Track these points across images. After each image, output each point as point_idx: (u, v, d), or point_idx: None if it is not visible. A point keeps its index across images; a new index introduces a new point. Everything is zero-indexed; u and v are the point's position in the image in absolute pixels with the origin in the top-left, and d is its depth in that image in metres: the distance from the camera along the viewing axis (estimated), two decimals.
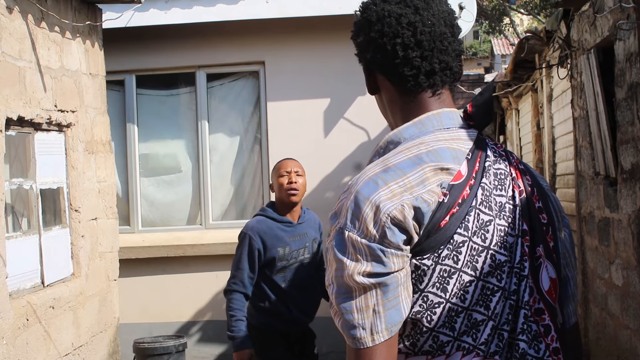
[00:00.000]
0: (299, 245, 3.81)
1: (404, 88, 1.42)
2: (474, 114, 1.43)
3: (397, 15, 1.39)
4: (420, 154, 1.32)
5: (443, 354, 1.30)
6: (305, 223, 3.87)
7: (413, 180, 1.29)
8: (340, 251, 1.28)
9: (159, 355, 5.42)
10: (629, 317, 4.53)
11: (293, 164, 3.85)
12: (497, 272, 1.31)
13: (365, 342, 1.26)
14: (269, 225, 3.75)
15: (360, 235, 1.26)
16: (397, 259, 1.26)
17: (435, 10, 1.40)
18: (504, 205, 1.35)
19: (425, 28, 1.38)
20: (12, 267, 4.11)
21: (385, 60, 1.41)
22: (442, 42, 1.39)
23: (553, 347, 1.34)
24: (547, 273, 1.36)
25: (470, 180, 1.33)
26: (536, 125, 8.28)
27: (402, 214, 1.26)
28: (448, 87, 1.44)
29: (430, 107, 1.42)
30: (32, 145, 4.56)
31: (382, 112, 1.52)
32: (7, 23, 4.14)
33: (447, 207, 1.29)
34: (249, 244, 3.70)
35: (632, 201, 4.31)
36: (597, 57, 4.99)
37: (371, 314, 1.26)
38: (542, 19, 18.33)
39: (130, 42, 6.51)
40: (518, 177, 1.40)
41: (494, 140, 1.48)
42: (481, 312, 1.30)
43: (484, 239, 1.31)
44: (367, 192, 1.28)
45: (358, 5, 1.50)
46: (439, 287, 1.29)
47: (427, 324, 1.29)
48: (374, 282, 1.25)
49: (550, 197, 1.45)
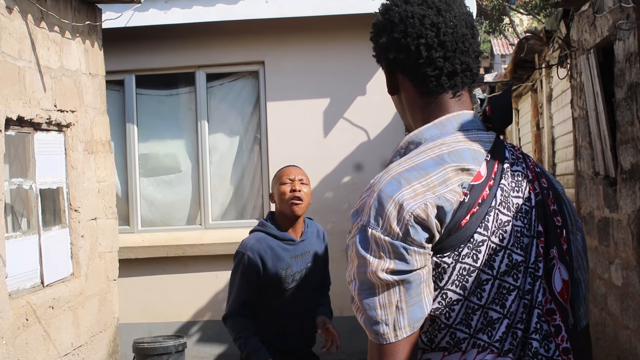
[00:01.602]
0: (300, 266, 3.35)
1: (426, 89, 1.44)
2: (492, 116, 1.45)
3: (420, 16, 1.41)
4: (443, 154, 1.35)
5: (459, 351, 1.33)
6: (307, 240, 3.40)
7: (435, 179, 1.31)
8: (364, 248, 1.30)
9: (159, 355, 5.42)
10: (629, 317, 4.53)
11: (297, 171, 3.37)
12: (513, 271, 1.34)
13: (388, 338, 1.28)
14: (270, 244, 3.28)
15: (384, 233, 1.29)
16: (419, 256, 1.28)
17: (456, 11, 1.43)
18: (521, 206, 1.38)
19: (448, 29, 1.41)
20: (12, 267, 4.11)
21: (409, 61, 1.43)
22: (463, 43, 1.42)
23: (563, 347, 1.36)
24: (560, 274, 1.38)
25: (490, 181, 1.36)
26: (536, 125, 8.29)
27: (425, 213, 1.28)
28: (467, 88, 1.47)
29: (451, 109, 1.44)
30: (31, 145, 4.56)
31: (400, 112, 1.55)
32: (6, 23, 4.14)
33: (467, 206, 1.32)
34: (247, 265, 3.25)
35: (631, 201, 4.31)
36: (597, 57, 4.99)
37: (394, 310, 1.28)
38: (541, 19, 18.33)
39: (129, 42, 6.51)
40: (534, 179, 1.43)
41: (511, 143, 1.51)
42: (497, 311, 1.33)
43: (501, 239, 1.34)
44: (390, 191, 1.31)
45: (378, 7, 1.52)
46: (458, 284, 1.31)
47: (445, 320, 1.32)
48: (397, 279, 1.28)
49: (565, 200, 1.48)
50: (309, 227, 3.45)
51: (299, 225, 3.38)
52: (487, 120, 1.46)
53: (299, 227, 3.38)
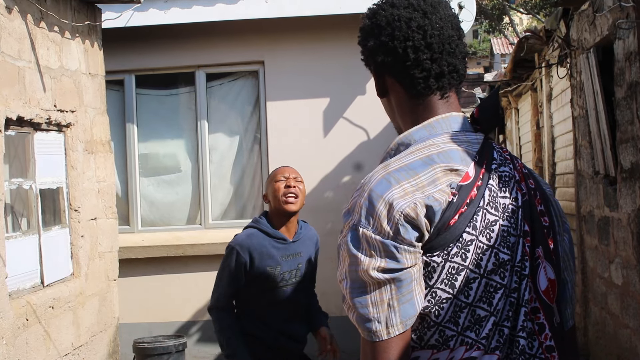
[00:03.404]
0: (291, 266, 3.34)
1: (414, 91, 1.46)
2: (480, 118, 1.47)
3: (406, 19, 1.43)
4: (432, 155, 1.37)
5: (448, 348, 1.35)
6: (300, 241, 3.39)
7: (424, 179, 1.34)
8: (355, 247, 1.32)
9: (159, 355, 5.42)
10: (629, 316, 4.53)
11: (291, 170, 3.40)
12: (500, 270, 1.36)
13: (380, 335, 1.30)
14: (260, 241, 3.29)
15: (374, 232, 1.31)
16: (409, 255, 1.30)
17: (442, 14, 1.45)
18: (508, 206, 1.40)
19: (435, 31, 1.43)
20: (12, 267, 4.11)
21: (397, 63, 1.45)
22: (450, 44, 1.44)
23: (546, 345, 1.38)
24: (546, 274, 1.41)
25: (478, 181, 1.38)
26: (536, 124, 8.28)
27: (414, 212, 1.31)
28: (454, 89, 1.49)
29: (439, 110, 1.46)
30: (31, 145, 4.56)
31: (389, 115, 1.57)
32: (6, 23, 4.14)
33: (456, 206, 1.34)
34: (235, 260, 3.26)
35: (631, 200, 4.31)
36: (597, 56, 4.99)
37: (386, 308, 1.30)
38: (541, 18, 18.33)
39: (129, 42, 6.51)
40: (522, 180, 1.45)
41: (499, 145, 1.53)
42: (484, 309, 1.35)
43: (489, 238, 1.36)
44: (380, 190, 1.33)
45: (364, 11, 1.53)
46: (448, 283, 1.33)
47: (434, 318, 1.34)
48: (389, 277, 1.30)
49: (552, 202, 1.50)
50: (303, 229, 3.44)
51: (292, 225, 3.37)
52: (475, 121, 1.48)
53: (292, 227, 3.37)
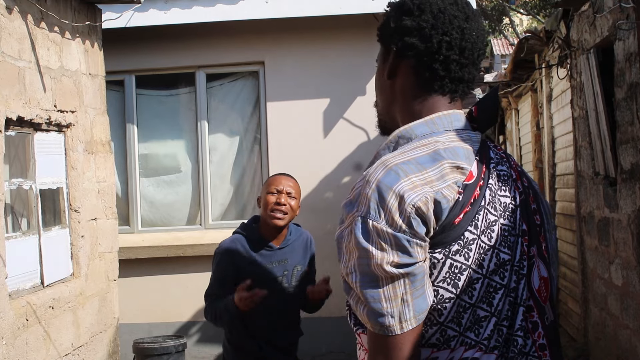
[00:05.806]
0: (277, 273, 3.26)
1: (427, 85, 1.44)
2: (479, 117, 1.46)
3: (450, 16, 1.41)
4: (439, 150, 1.35)
5: (448, 348, 1.34)
6: (288, 247, 3.30)
7: (432, 175, 1.31)
8: (365, 239, 1.28)
9: (159, 355, 5.42)
10: (629, 317, 4.53)
11: (287, 182, 3.28)
12: (500, 270, 1.36)
13: (394, 330, 1.28)
14: (244, 246, 3.23)
15: (386, 224, 1.27)
16: (420, 249, 1.28)
17: (479, 25, 1.45)
18: (508, 205, 1.40)
19: (471, 37, 1.42)
20: (12, 267, 4.11)
21: (426, 52, 1.41)
22: (478, 56, 1.44)
23: (539, 344, 1.38)
24: (539, 272, 1.41)
25: (480, 181, 1.37)
26: (536, 125, 8.28)
27: (425, 206, 1.28)
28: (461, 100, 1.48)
29: (442, 108, 1.45)
30: (31, 146, 4.56)
31: (384, 99, 1.52)
32: (6, 23, 4.14)
33: (461, 205, 1.33)
34: (220, 266, 3.25)
35: (631, 201, 4.31)
36: (597, 57, 4.99)
37: (399, 302, 1.28)
38: (541, 19, 18.33)
39: (129, 42, 6.51)
40: (517, 178, 1.45)
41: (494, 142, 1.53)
42: (484, 309, 1.34)
43: (490, 238, 1.35)
44: (389, 182, 1.29)
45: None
46: (450, 282, 1.32)
47: (437, 317, 1.33)
48: (403, 272, 1.27)
49: (541, 199, 1.50)
50: (292, 235, 3.34)
51: (280, 234, 3.29)
52: (472, 120, 1.47)
53: (280, 235, 3.29)
